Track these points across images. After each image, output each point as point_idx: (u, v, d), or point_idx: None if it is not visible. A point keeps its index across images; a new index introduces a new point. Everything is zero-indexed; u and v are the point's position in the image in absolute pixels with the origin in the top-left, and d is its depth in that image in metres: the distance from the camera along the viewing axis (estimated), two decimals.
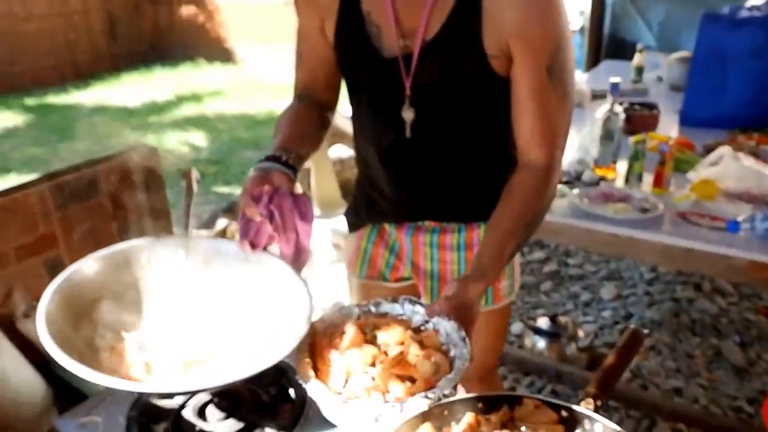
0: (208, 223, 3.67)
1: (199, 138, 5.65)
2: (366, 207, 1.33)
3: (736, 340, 2.54)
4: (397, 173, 1.21)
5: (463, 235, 1.26)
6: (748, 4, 3.52)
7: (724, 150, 1.91)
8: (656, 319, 2.67)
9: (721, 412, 2.15)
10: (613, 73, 3.50)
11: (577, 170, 2.10)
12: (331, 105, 1.25)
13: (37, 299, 1.14)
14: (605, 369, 0.82)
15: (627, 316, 2.71)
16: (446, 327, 0.89)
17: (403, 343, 0.86)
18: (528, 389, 2.28)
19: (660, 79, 3.46)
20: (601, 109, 2.06)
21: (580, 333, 2.42)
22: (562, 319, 2.42)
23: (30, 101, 6.98)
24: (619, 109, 2.03)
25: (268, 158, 1.03)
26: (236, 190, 4.41)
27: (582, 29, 5.02)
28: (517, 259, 1.33)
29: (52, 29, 7.92)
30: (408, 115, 1.11)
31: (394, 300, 0.95)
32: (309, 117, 1.17)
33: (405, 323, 0.91)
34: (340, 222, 2.58)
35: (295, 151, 1.06)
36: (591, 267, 3.17)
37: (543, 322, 2.42)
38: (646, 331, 0.95)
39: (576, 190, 1.93)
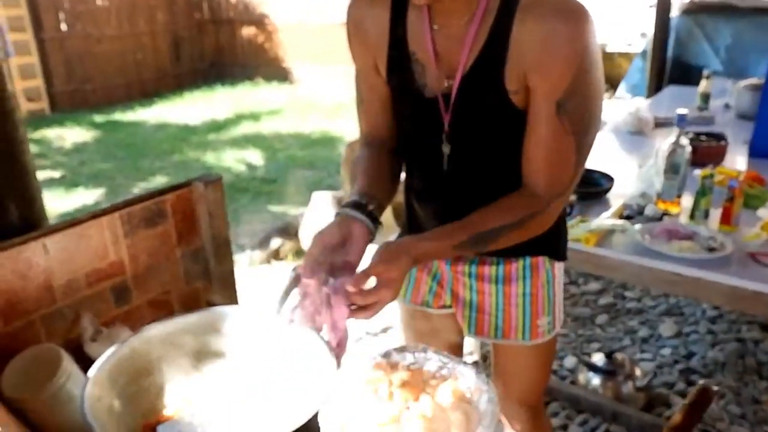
0: (262, 243, 3.74)
1: (256, 156, 5.78)
2: (411, 234, 1.34)
3: None
4: (435, 206, 1.24)
5: (501, 268, 1.26)
6: None
7: None
8: (720, 360, 2.55)
9: None
10: (678, 99, 3.42)
11: (639, 204, 2.04)
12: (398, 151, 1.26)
13: (104, 324, 1.18)
14: (672, 428, 0.78)
15: (688, 355, 2.60)
16: (462, 371, 0.87)
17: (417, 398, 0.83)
18: (581, 428, 2.21)
19: (728, 106, 3.35)
20: (667, 141, 2.00)
21: (638, 371, 2.33)
22: (619, 356, 2.34)
23: (99, 118, 7.31)
24: (685, 141, 1.97)
25: (353, 204, 1.05)
26: (290, 210, 4.47)
27: (644, 53, 4.91)
28: (560, 295, 1.32)
29: (122, 50, 8.31)
30: (446, 149, 1.14)
31: (403, 349, 0.92)
32: (383, 164, 1.19)
33: (418, 372, 0.88)
34: None
35: (378, 199, 1.09)
36: (650, 301, 3.06)
37: (598, 359, 2.35)
38: (715, 388, 0.90)
39: (638, 226, 1.87)
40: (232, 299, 1.38)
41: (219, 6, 9.28)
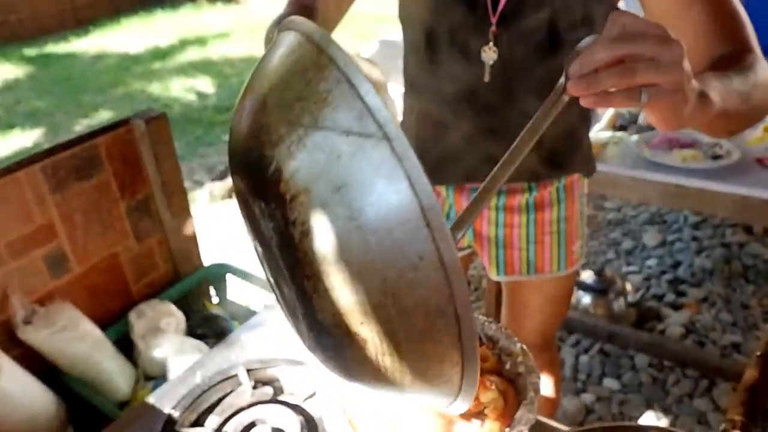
0: (222, 176, 3.50)
1: (206, 84, 5.40)
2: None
3: None
4: (470, 124, 1.01)
5: (534, 194, 1.08)
6: None
7: None
8: (707, 267, 2.49)
9: None
10: None
11: (631, 112, 1.88)
12: (331, 26, 1.00)
13: (39, 301, 0.98)
14: (748, 386, 0.65)
15: (674, 264, 2.54)
16: (490, 330, 0.72)
17: None
18: (574, 348, 2.14)
19: None
20: None
21: (628, 287, 2.25)
22: (609, 273, 2.25)
23: (30, 51, 6.72)
24: None
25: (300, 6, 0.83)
26: None
27: None
28: (585, 214, 1.17)
29: None
30: (489, 56, 0.91)
31: None
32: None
33: None
34: None
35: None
36: (630, 211, 2.98)
37: (588, 276, 2.25)
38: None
39: (634, 137, 1.72)
40: (192, 251, 1.18)
41: None
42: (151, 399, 0.89)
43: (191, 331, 1.30)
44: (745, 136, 1.70)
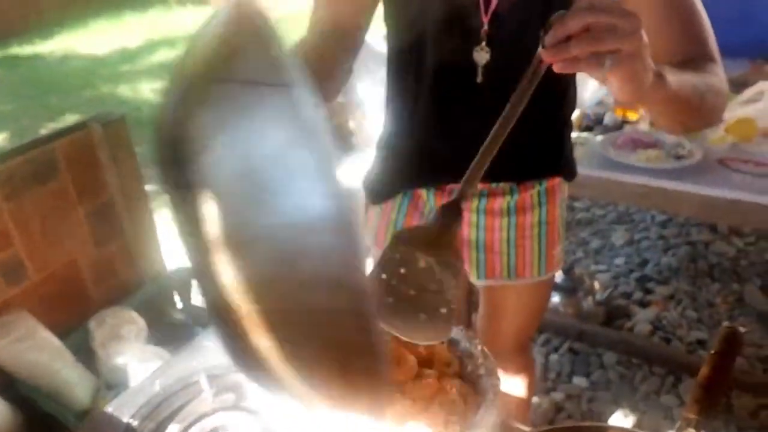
0: None
1: None
2: (399, 170, 1.12)
3: (757, 284, 2.42)
4: (458, 126, 1.00)
5: (515, 198, 1.09)
6: None
7: (765, 86, 1.72)
8: (673, 265, 2.54)
9: (748, 364, 2.05)
10: None
11: (596, 113, 1.90)
12: (356, 49, 1.00)
13: None
14: (702, 384, 0.66)
15: (642, 263, 2.58)
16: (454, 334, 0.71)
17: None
18: (544, 347, 2.16)
19: None
20: None
21: (597, 285, 2.28)
22: (577, 272, 2.28)
23: None
24: None
25: None
26: None
27: None
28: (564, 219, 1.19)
29: None
30: (482, 56, 0.92)
31: None
32: (331, 62, 0.93)
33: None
34: None
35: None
36: (599, 210, 3.01)
37: (557, 276, 2.27)
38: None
39: (599, 137, 1.74)
40: (155, 256, 1.17)
41: None
42: (110, 408, 0.87)
43: (153, 339, 1.28)
44: (707, 135, 1.73)
